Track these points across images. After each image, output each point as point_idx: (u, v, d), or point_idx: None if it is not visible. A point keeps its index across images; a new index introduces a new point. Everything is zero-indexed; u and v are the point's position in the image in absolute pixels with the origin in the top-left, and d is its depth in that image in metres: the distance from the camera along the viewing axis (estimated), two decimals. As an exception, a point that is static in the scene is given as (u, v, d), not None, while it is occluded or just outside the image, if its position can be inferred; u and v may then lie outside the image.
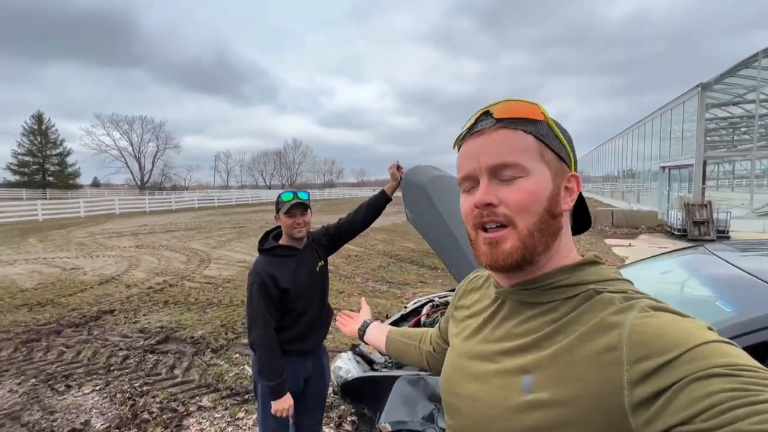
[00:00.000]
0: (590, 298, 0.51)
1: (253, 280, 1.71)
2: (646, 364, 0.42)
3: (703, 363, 0.39)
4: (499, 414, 0.53)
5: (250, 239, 11.90)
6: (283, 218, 1.79)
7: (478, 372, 0.59)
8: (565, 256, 0.57)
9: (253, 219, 18.79)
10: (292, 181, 74.95)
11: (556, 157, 0.55)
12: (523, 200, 0.53)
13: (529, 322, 0.56)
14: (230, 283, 6.61)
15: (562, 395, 0.47)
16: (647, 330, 0.44)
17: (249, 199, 36.92)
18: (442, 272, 7.15)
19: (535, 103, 0.56)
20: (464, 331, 0.68)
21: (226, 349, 3.97)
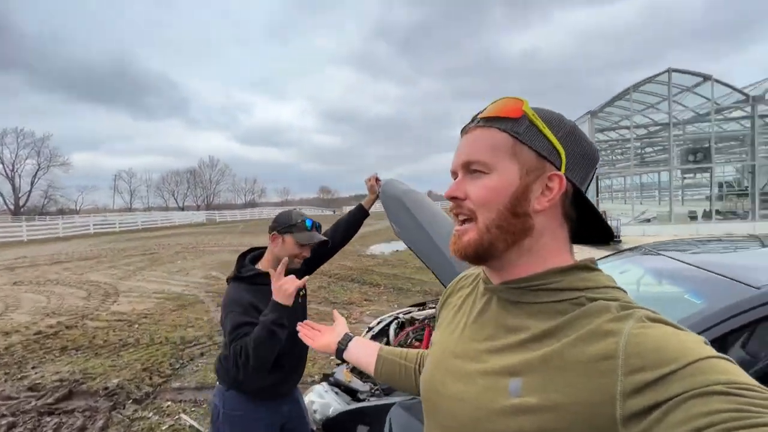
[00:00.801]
0: (582, 305, 0.51)
1: (230, 309, 1.43)
2: (642, 375, 0.41)
3: (702, 379, 0.39)
4: (484, 416, 0.52)
5: (165, 266, 10.59)
6: (293, 245, 1.55)
7: (464, 371, 0.58)
8: (546, 259, 0.56)
9: (166, 244, 16.85)
10: (208, 202, 69.40)
11: (536, 155, 0.54)
12: (481, 196, 0.55)
13: (517, 321, 0.55)
14: (148, 318, 5.72)
15: (551, 401, 0.46)
16: (645, 341, 0.43)
17: (159, 222, 33.13)
18: (385, 289, 7.10)
19: (520, 100, 0.56)
20: (450, 328, 0.67)
21: (153, 398, 3.35)
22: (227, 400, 1.50)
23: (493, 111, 0.56)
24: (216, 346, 4.47)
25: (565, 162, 0.55)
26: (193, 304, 6.40)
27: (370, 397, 1.75)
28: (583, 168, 0.56)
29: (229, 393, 1.50)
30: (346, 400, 1.81)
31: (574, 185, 0.55)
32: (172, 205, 66.79)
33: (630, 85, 13.79)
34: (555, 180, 0.54)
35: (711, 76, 13.14)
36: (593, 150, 0.57)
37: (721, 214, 14.58)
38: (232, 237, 19.73)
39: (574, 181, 0.55)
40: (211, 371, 3.80)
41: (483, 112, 0.58)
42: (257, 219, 45.18)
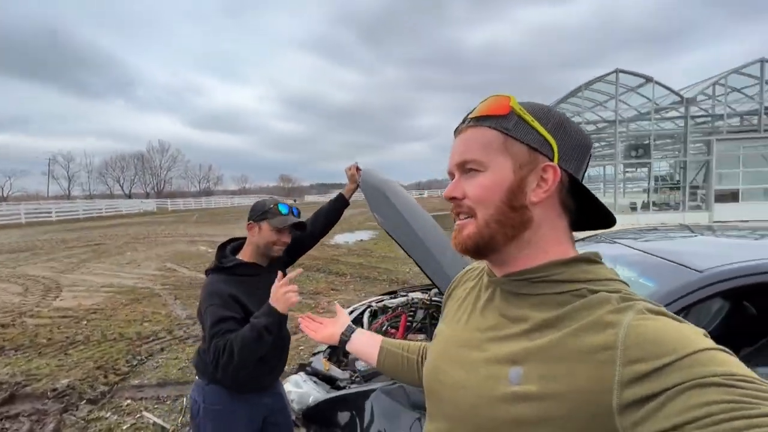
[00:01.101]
0: (583, 297, 0.52)
1: (210, 303, 1.37)
2: (640, 366, 0.42)
3: (700, 370, 0.39)
4: (484, 403, 0.53)
5: (113, 257, 9.89)
6: (269, 232, 1.50)
7: (465, 359, 0.59)
8: (546, 251, 0.57)
9: (113, 234, 15.69)
10: (159, 189, 65.18)
11: (528, 148, 0.55)
12: (478, 193, 0.57)
13: (520, 311, 0.56)
14: (97, 313, 5.34)
15: (550, 389, 0.47)
16: (644, 332, 0.44)
17: (103, 210, 30.65)
18: (352, 278, 7.12)
19: (507, 96, 0.57)
20: (455, 319, 0.68)
21: (110, 396, 3.16)
22: (208, 395, 1.45)
23: (482, 110, 0.58)
24: (177, 341, 4.28)
25: (557, 152, 0.55)
26: (149, 298, 6.06)
27: (350, 384, 1.77)
28: (577, 157, 0.57)
29: (209, 387, 1.46)
30: (326, 389, 1.82)
31: (570, 175, 0.56)
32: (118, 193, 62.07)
33: (582, 84, 14.61)
34: (549, 171, 0.55)
35: (652, 78, 14.22)
36: (585, 138, 0.58)
37: (657, 205, 16.01)
38: (187, 226, 18.73)
39: (569, 170, 0.56)
40: (174, 366, 3.65)
41: (473, 112, 0.60)
42: (213, 208, 43.14)
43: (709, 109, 14.88)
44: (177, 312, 5.32)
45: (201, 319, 1.42)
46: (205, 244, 12.03)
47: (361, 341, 0.98)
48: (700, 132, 15.44)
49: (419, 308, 2.67)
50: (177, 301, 5.83)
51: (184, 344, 4.19)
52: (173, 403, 3.05)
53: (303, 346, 4.04)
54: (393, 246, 10.75)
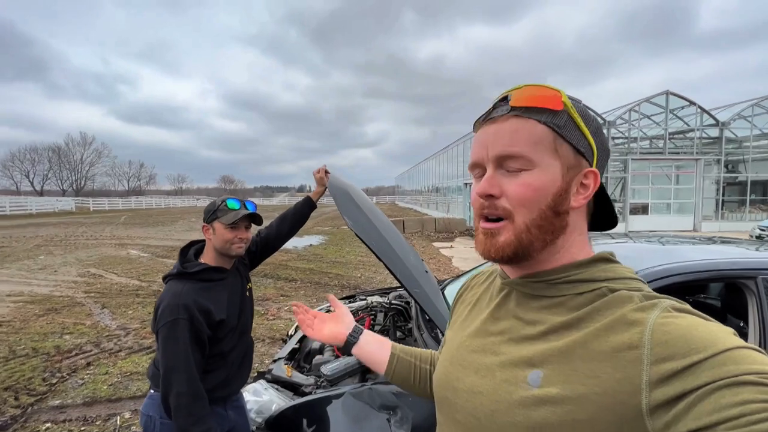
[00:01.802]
0: (603, 296, 0.50)
1: (176, 316, 1.27)
2: (670, 365, 0.41)
3: (733, 368, 0.38)
4: (502, 409, 0.50)
5: (22, 262, 8.68)
6: (223, 230, 1.42)
7: (481, 365, 0.56)
8: (573, 254, 0.55)
9: (20, 235, 13.77)
10: (78, 187, 58.34)
11: (574, 150, 0.52)
12: (523, 194, 0.51)
13: (536, 314, 0.54)
14: (4, 326, 4.63)
15: (573, 392, 0.45)
16: (672, 330, 0.43)
17: (7, 209, 26.73)
18: (302, 284, 6.94)
19: (558, 90, 0.52)
20: (465, 324, 0.66)
21: (23, 421, 2.75)
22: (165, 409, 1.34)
23: (530, 100, 0.52)
24: (107, 354, 3.85)
25: (596, 157, 0.54)
26: (69, 307, 5.39)
27: (316, 390, 1.73)
28: (604, 162, 0.56)
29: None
30: (289, 396, 1.76)
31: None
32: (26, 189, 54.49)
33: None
34: (590, 177, 0.53)
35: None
36: (608, 144, 0.58)
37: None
38: (115, 228, 16.99)
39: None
40: (104, 383, 3.28)
41: (512, 98, 0.53)
42: (144, 209, 39.60)
43: (626, 131, 16.86)
44: (105, 322, 4.79)
45: (156, 328, 1.30)
46: (137, 248, 11.00)
47: (371, 345, 0.87)
48: (618, 152, 17.43)
49: (379, 311, 2.69)
50: (105, 310, 5.26)
51: (115, 357, 3.78)
52: (104, 423, 2.73)
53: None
54: (343, 251, 10.69)
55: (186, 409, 1.25)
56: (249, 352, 1.60)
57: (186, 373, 1.27)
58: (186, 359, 1.27)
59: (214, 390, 1.39)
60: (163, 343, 1.29)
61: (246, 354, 1.58)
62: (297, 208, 1.84)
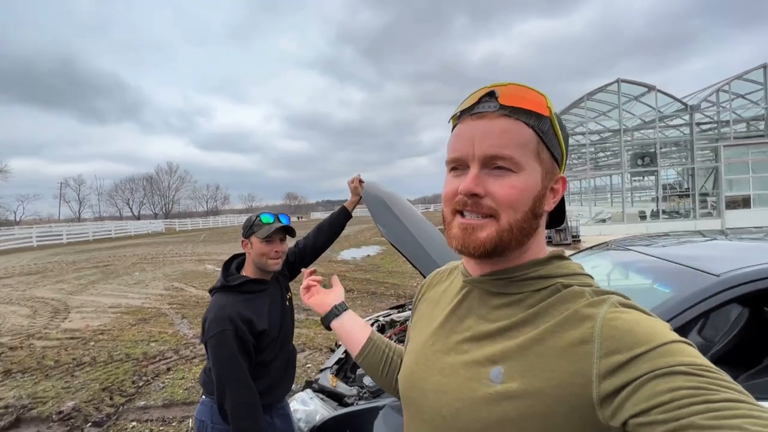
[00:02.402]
0: (557, 291, 0.52)
1: (222, 327, 1.35)
2: (616, 357, 0.43)
3: (668, 360, 0.41)
4: (467, 406, 0.51)
5: (121, 278, 9.93)
6: (259, 245, 1.49)
7: (445, 364, 0.57)
8: (536, 253, 0.57)
9: (121, 255, 15.83)
10: (167, 210, 66.01)
11: (551, 156, 0.54)
12: (511, 196, 0.52)
13: (497, 311, 0.56)
14: (105, 334, 5.32)
15: (532, 386, 0.47)
16: (619, 325, 0.46)
17: (112, 232, 31.05)
18: (359, 294, 7.05)
19: (543, 95, 0.53)
20: (428, 323, 0.66)
21: (115, 419, 3.11)
22: (215, 415, 1.41)
23: (520, 101, 0.52)
24: (184, 360, 4.23)
25: (564, 163, 0.57)
26: (156, 318, 6.04)
27: (358, 401, 1.72)
28: (565, 166, 0.59)
29: (217, 407, 1.42)
30: (333, 406, 1.77)
31: None
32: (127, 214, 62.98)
33: (584, 94, 14.68)
34: (560, 182, 0.56)
35: (655, 87, 14.26)
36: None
37: (667, 213, 15.79)
38: (195, 246, 18.85)
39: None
40: (180, 387, 3.60)
41: (500, 95, 0.52)
42: (221, 227, 43.50)
43: (714, 115, 14.81)
44: (184, 331, 5.28)
45: (205, 339, 1.39)
46: (212, 263, 12.06)
47: (353, 323, 0.88)
48: (706, 139, 15.34)
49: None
50: (184, 321, 5.81)
51: (190, 364, 4.14)
52: (179, 425, 2.99)
53: (310, 364, 3.97)
54: (399, 261, 10.68)
55: (244, 411, 1.32)
56: (291, 360, 1.64)
57: (238, 379, 1.33)
58: (237, 366, 1.34)
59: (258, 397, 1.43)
60: (213, 353, 1.36)
61: (288, 363, 1.62)
62: (333, 219, 1.87)
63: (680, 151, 17.60)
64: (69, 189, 59.81)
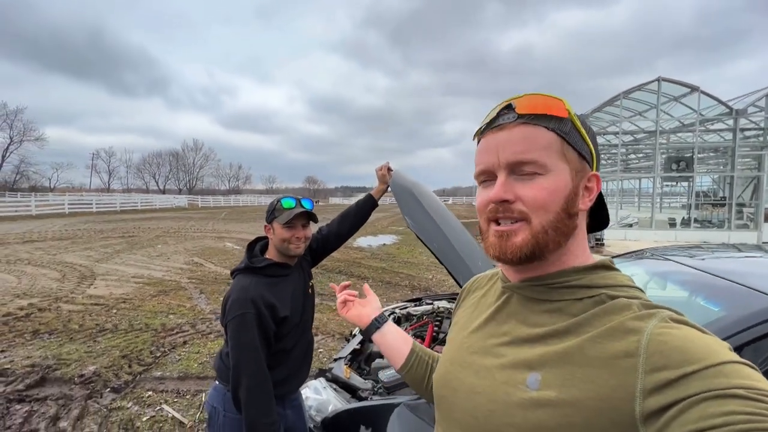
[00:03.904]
0: (602, 303, 0.51)
1: (244, 310, 1.31)
2: (663, 374, 0.41)
3: (723, 381, 0.39)
4: (500, 409, 0.51)
5: (145, 249, 10.25)
6: (280, 230, 1.45)
7: (480, 366, 0.58)
8: (577, 256, 0.56)
9: (146, 227, 16.34)
10: (191, 186, 67.76)
11: (578, 155, 0.55)
12: (540, 198, 0.52)
13: (536, 317, 0.55)
14: (126, 303, 5.50)
15: (570, 396, 0.46)
16: (668, 341, 0.43)
17: (138, 204, 32.13)
18: (373, 282, 7.04)
19: (560, 99, 0.55)
20: (466, 326, 0.67)
21: (132, 387, 3.20)
22: (228, 403, 1.38)
23: (537, 107, 0.54)
24: (200, 335, 4.32)
25: (595, 161, 0.57)
26: (175, 291, 6.20)
27: (372, 396, 1.68)
28: (599, 164, 0.59)
29: (231, 395, 1.38)
30: (346, 398, 1.74)
31: None
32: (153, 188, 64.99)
33: (620, 92, 14.00)
34: (593, 180, 0.56)
35: (698, 88, 13.46)
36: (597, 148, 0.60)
37: (698, 222, 15.07)
38: (216, 223, 19.28)
39: None
40: (195, 361, 3.67)
41: (517, 106, 0.54)
42: (241, 206, 44.37)
43: (761, 121, 13.90)
44: (201, 306, 5.40)
45: (225, 319, 1.36)
46: (232, 241, 12.30)
47: (394, 335, 0.88)
48: (749, 146, 14.44)
49: (445, 318, 2.55)
50: (202, 296, 5.94)
51: (206, 339, 4.22)
52: (192, 398, 3.05)
53: (322, 349, 3.98)
54: (415, 252, 10.62)
55: (257, 401, 1.28)
56: (309, 350, 1.61)
57: (256, 366, 1.30)
58: (255, 352, 1.30)
59: (274, 386, 1.39)
60: (232, 336, 1.33)
61: (307, 352, 1.58)
62: (359, 207, 1.80)
63: (719, 157, 16.66)
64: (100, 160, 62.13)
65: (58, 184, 54.33)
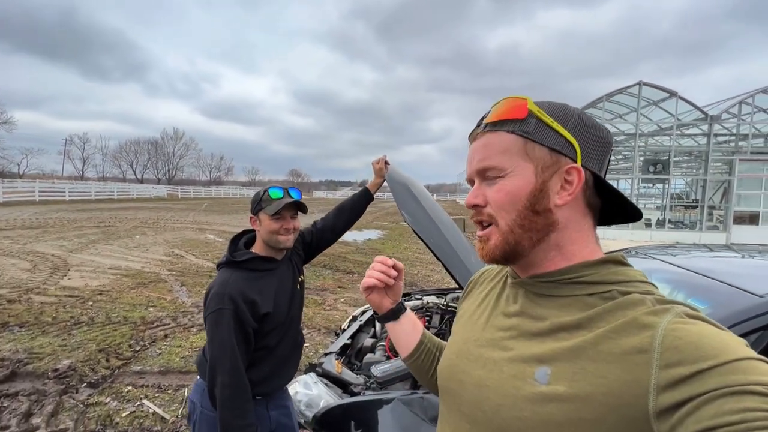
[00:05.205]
0: (614, 299, 0.51)
1: (221, 306, 1.26)
2: (678, 370, 0.41)
3: (740, 378, 0.38)
4: (509, 403, 0.51)
5: (122, 240, 9.92)
6: (267, 221, 1.39)
7: (488, 359, 0.57)
8: (575, 252, 0.56)
9: (123, 217, 15.81)
10: (170, 176, 65.86)
11: (548, 150, 0.54)
12: (499, 199, 0.55)
13: (546, 312, 0.55)
14: (103, 295, 5.31)
15: (581, 390, 0.46)
16: (683, 336, 0.43)
17: (115, 193, 31.03)
18: (359, 276, 7.02)
19: (523, 98, 0.56)
20: (473, 318, 0.67)
21: (110, 381, 3.10)
22: (206, 400, 1.34)
23: (498, 114, 0.56)
24: (181, 328, 4.21)
25: (580, 152, 0.55)
26: (155, 283, 6.02)
27: (365, 390, 1.67)
28: (599, 154, 0.56)
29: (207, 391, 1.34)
30: (338, 393, 1.72)
31: (593, 173, 0.55)
32: (130, 177, 62.87)
33: (603, 95, 14.32)
34: (573, 173, 0.54)
35: (677, 93, 13.89)
36: (605, 133, 0.57)
37: (673, 223, 15.63)
38: (196, 214, 18.83)
39: (592, 169, 0.55)
40: (177, 355, 3.58)
41: (488, 116, 0.58)
42: (222, 198, 43.46)
43: (733, 128, 14.49)
44: (182, 299, 5.26)
45: (206, 313, 1.31)
46: (214, 233, 12.04)
47: (410, 322, 0.82)
48: (721, 151, 15.04)
49: (435, 313, 2.55)
50: (183, 288, 5.79)
51: (188, 332, 4.12)
52: (174, 393, 2.97)
53: (308, 344, 3.95)
54: (401, 247, 10.64)
55: (229, 402, 1.23)
56: (296, 349, 1.55)
57: (231, 365, 1.25)
58: (231, 350, 1.25)
59: (254, 385, 1.34)
60: (209, 332, 1.29)
61: (293, 351, 1.53)
62: (354, 200, 1.77)
63: (693, 161, 17.28)
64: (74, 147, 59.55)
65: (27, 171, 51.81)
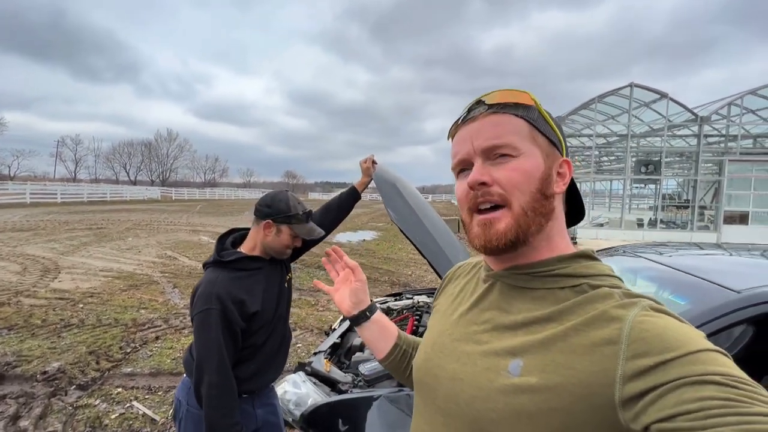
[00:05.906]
0: (584, 292, 0.52)
1: (209, 306, 1.26)
2: (643, 361, 0.43)
3: (700, 368, 0.40)
4: (482, 395, 0.52)
5: (114, 242, 9.84)
6: (287, 236, 1.44)
7: (462, 353, 0.58)
8: (557, 245, 0.58)
9: (115, 219, 15.67)
10: (164, 178, 65.38)
11: (548, 141, 0.57)
12: (515, 178, 0.54)
13: (519, 305, 0.56)
14: (94, 297, 5.26)
15: (551, 381, 0.47)
16: (650, 328, 0.45)
17: (107, 195, 30.75)
18: (353, 277, 7.01)
19: (526, 91, 0.58)
20: (447, 313, 0.67)
21: (100, 384, 3.07)
22: (192, 397, 1.34)
23: (505, 98, 0.57)
24: (173, 330, 4.19)
25: (565, 149, 0.59)
26: (147, 285, 5.98)
27: (352, 389, 1.67)
28: (567, 152, 0.61)
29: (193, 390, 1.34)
30: (326, 391, 1.72)
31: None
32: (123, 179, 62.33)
33: (595, 96, 14.47)
34: (565, 166, 0.58)
35: (667, 95, 14.07)
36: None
37: (664, 223, 15.81)
38: (191, 216, 18.71)
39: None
40: (168, 356, 3.56)
41: (487, 100, 0.57)
42: (217, 200, 43.24)
43: (723, 129, 14.70)
44: (174, 300, 5.24)
45: (192, 315, 1.31)
46: (207, 235, 11.97)
47: (381, 324, 0.83)
48: (712, 152, 15.25)
49: (425, 312, 2.57)
50: (175, 290, 5.76)
51: (179, 334, 4.10)
52: (165, 395, 2.96)
53: (300, 344, 3.95)
54: (395, 247, 10.65)
55: (215, 401, 1.23)
56: (283, 346, 1.56)
57: (217, 364, 1.25)
58: (218, 350, 1.25)
59: (241, 383, 1.34)
60: (196, 331, 1.29)
61: (280, 348, 1.53)
62: (342, 199, 1.78)
63: (684, 161, 17.49)
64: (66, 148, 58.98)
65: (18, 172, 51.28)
